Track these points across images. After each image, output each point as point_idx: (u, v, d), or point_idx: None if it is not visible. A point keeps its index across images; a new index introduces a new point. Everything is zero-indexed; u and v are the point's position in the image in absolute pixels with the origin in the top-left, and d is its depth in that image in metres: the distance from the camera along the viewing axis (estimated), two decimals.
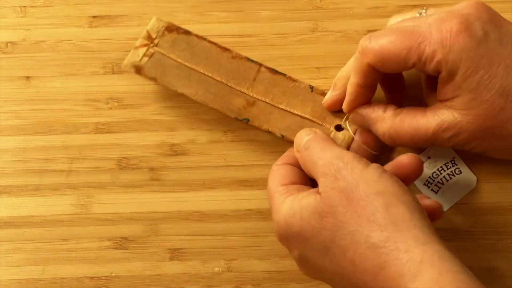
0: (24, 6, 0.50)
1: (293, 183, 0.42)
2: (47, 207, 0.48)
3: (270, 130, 0.46)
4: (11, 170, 0.48)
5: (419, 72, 0.42)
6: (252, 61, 0.47)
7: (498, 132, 0.40)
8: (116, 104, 0.49)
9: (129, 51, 0.49)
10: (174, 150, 0.48)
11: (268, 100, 0.47)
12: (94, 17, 0.49)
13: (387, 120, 0.43)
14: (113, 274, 0.47)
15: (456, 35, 0.39)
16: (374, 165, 0.38)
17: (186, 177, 0.48)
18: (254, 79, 0.47)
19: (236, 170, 0.48)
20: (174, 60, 0.47)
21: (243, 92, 0.47)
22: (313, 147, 0.41)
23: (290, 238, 0.40)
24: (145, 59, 0.47)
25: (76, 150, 0.48)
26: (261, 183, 0.48)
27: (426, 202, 0.41)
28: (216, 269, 0.47)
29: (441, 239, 0.36)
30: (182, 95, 0.48)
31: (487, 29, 0.39)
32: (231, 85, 0.47)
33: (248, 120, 0.46)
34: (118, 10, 0.49)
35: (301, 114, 0.46)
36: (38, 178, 0.48)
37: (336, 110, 0.46)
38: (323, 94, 0.47)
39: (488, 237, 0.47)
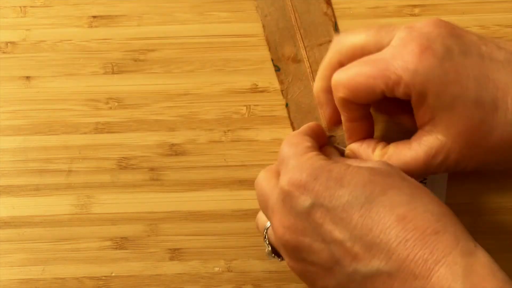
0: (24, 6, 0.50)
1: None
2: (47, 207, 0.48)
3: (284, 92, 0.46)
4: (11, 170, 0.48)
5: None
6: (336, 29, 0.47)
7: (485, 145, 0.39)
8: (116, 104, 0.49)
9: (129, 51, 0.49)
10: (174, 150, 0.48)
11: (309, 70, 0.46)
12: (94, 17, 0.49)
13: (377, 154, 0.42)
14: (113, 274, 0.47)
15: (419, 56, 0.38)
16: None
17: (186, 177, 0.48)
18: (320, 45, 0.46)
19: (236, 170, 0.48)
20: None
21: (299, 46, 0.46)
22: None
23: (318, 182, 0.36)
24: None
25: (76, 150, 0.48)
26: None
27: None
28: (216, 269, 0.47)
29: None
30: (182, 94, 0.48)
31: (449, 43, 0.38)
32: (299, 33, 0.46)
33: (278, 69, 0.46)
34: (118, 10, 0.49)
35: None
36: (38, 178, 0.48)
37: (338, 125, 0.45)
38: None
39: (488, 237, 0.47)
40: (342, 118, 0.43)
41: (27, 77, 0.49)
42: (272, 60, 0.47)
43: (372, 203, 0.35)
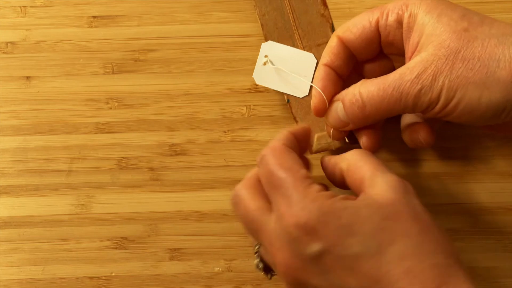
0: (24, 6, 0.50)
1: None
2: (47, 207, 0.48)
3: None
4: (11, 170, 0.48)
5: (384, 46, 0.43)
6: (333, 30, 0.47)
7: (463, 54, 0.38)
8: (116, 104, 0.49)
9: (129, 51, 0.49)
10: (174, 150, 0.48)
11: None
12: (94, 17, 0.49)
13: (355, 85, 0.41)
14: (113, 274, 0.47)
15: None
16: None
17: (186, 177, 0.48)
18: (318, 45, 0.47)
19: (236, 170, 0.48)
20: None
21: (298, 46, 0.47)
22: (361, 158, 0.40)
23: (328, 229, 0.36)
24: None
25: (76, 150, 0.48)
26: None
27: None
28: (216, 269, 0.47)
29: None
30: (182, 94, 0.48)
31: None
32: (297, 33, 0.47)
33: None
34: (118, 10, 0.49)
35: None
36: (38, 178, 0.48)
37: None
38: None
39: (488, 237, 0.47)
40: (322, 62, 0.43)
41: (27, 77, 0.49)
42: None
43: (382, 254, 0.35)
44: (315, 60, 0.47)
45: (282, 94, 0.47)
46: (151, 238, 0.48)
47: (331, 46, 0.43)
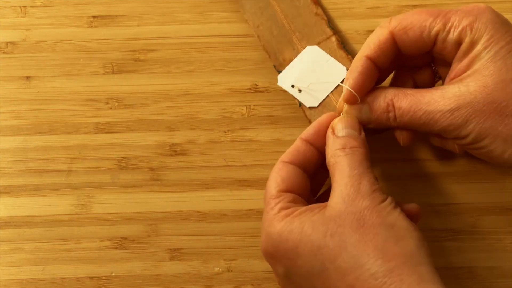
0: (24, 6, 0.50)
1: (290, 190, 0.41)
2: (47, 207, 0.48)
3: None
4: (11, 170, 0.48)
5: (437, 54, 0.42)
6: (330, 26, 0.47)
7: (503, 107, 0.38)
8: (116, 104, 0.49)
9: (129, 51, 0.49)
10: (174, 150, 0.48)
11: None
12: (94, 17, 0.49)
13: (390, 91, 0.41)
14: (113, 274, 0.47)
15: (484, 9, 0.40)
16: (389, 198, 0.38)
17: (186, 177, 0.48)
18: (318, 43, 0.47)
19: (236, 170, 0.48)
20: None
21: (298, 49, 0.47)
22: (343, 161, 0.39)
23: (280, 254, 0.39)
24: None
25: (76, 150, 0.48)
26: (261, 183, 0.48)
27: (407, 207, 0.40)
28: (216, 269, 0.47)
29: (441, 280, 0.36)
30: (182, 94, 0.48)
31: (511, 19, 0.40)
32: (294, 37, 0.47)
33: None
34: (118, 10, 0.49)
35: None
36: (38, 178, 0.48)
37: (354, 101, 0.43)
38: None
39: (488, 237, 0.47)
40: (362, 54, 0.41)
41: (27, 77, 0.49)
42: (275, 66, 0.47)
43: (326, 271, 0.37)
44: (345, 73, 0.45)
45: (284, 94, 0.47)
46: (151, 238, 0.48)
47: (380, 40, 0.41)
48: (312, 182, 0.43)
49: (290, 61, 0.47)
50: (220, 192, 0.48)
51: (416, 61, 0.44)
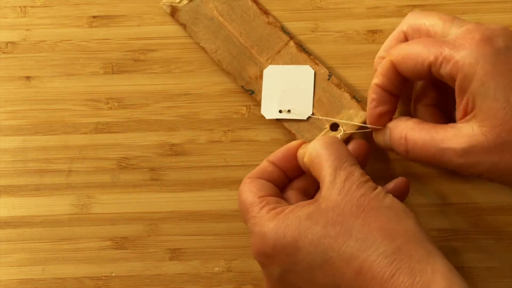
0: (24, 6, 0.50)
1: (270, 195, 0.41)
2: (47, 207, 0.48)
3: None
4: (11, 170, 0.48)
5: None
6: (285, 32, 0.47)
7: None
8: (116, 104, 0.49)
9: (129, 51, 0.49)
10: (174, 150, 0.48)
11: None
12: (94, 17, 0.49)
13: (407, 124, 0.42)
14: (113, 274, 0.47)
15: (477, 42, 0.38)
16: (379, 187, 0.39)
17: (186, 177, 0.48)
18: (278, 52, 0.47)
19: (236, 170, 0.48)
20: (211, 10, 0.47)
21: (261, 62, 0.47)
22: (323, 152, 0.40)
23: (277, 251, 0.38)
24: (185, 1, 0.47)
25: (76, 150, 0.48)
26: None
27: (394, 183, 0.42)
28: (216, 269, 0.47)
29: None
30: (182, 94, 0.48)
31: (509, 44, 0.39)
32: (254, 51, 0.47)
33: (252, 92, 0.47)
34: (118, 10, 0.49)
35: None
36: (38, 178, 0.48)
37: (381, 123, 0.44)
38: (338, 85, 0.46)
39: (488, 237, 0.47)
40: (374, 82, 0.43)
41: (27, 77, 0.49)
42: (243, 86, 0.47)
43: (330, 261, 0.36)
44: (313, 71, 0.47)
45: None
46: (151, 238, 0.48)
47: (384, 68, 0.42)
48: None
49: (256, 77, 0.47)
50: (220, 192, 0.48)
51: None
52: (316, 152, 0.40)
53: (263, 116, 0.48)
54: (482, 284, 0.46)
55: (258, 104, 0.47)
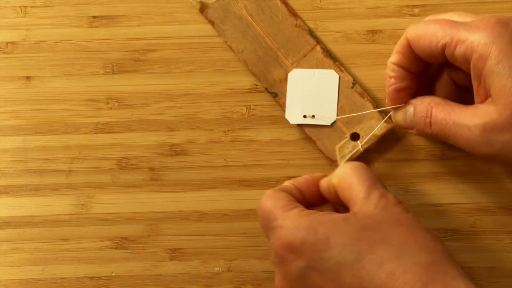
0: (24, 6, 0.50)
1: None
2: (47, 207, 0.48)
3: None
4: (11, 170, 0.48)
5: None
6: (312, 36, 0.47)
7: None
8: (116, 104, 0.49)
9: (129, 51, 0.49)
10: (174, 150, 0.48)
11: None
12: (94, 17, 0.49)
13: (434, 99, 0.42)
14: (113, 274, 0.47)
15: (492, 25, 0.39)
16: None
17: (186, 177, 0.48)
18: (305, 56, 0.47)
19: (236, 170, 0.48)
20: (240, 9, 0.47)
21: (286, 65, 0.47)
22: (353, 174, 0.40)
23: (306, 245, 0.37)
24: None
25: (76, 150, 0.48)
26: (261, 183, 0.48)
27: None
28: (216, 269, 0.47)
29: None
30: (182, 94, 0.48)
31: None
32: (280, 54, 0.47)
33: (276, 95, 0.47)
34: (118, 10, 0.49)
35: None
36: (38, 178, 0.48)
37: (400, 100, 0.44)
38: (362, 94, 0.46)
39: (488, 237, 0.47)
40: (391, 61, 0.43)
41: (27, 77, 0.49)
42: (266, 88, 0.47)
43: (361, 262, 0.36)
44: (337, 76, 0.47)
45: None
46: (151, 238, 0.48)
47: (400, 45, 0.43)
48: None
49: (280, 80, 0.47)
50: (220, 192, 0.48)
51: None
52: (346, 173, 0.40)
53: (263, 116, 0.48)
54: (482, 284, 0.46)
55: (281, 107, 0.47)
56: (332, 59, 0.47)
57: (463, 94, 0.44)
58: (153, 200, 0.48)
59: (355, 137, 0.46)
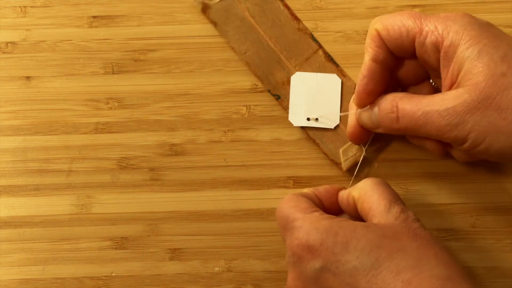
0: (24, 6, 0.50)
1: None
2: (47, 207, 0.48)
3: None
4: (11, 170, 0.48)
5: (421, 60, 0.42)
6: (314, 40, 0.47)
7: (498, 101, 0.38)
8: (116, 104, 0.49)
9: (129, 51, 0.49)
10: (174, 150, 0.48)
11: None
12: (94, 17, 0.49)
13: (397, 94, 0.42)
14: (113, 274, 0.47)
15: (461, 16, 0.40)
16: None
17: (186, 177, 0.48)
18: (307, 59, 0.47)
19: (236, 170, 0.48)
20: (242, 11, 0.47)
21: (289, 68, 0.47)
22: (375, 188, 0.41)
23: (325, 247, 0.38)
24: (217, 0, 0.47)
25: (76, 150, 0.48)
26: (261, 183, 0.48)
27: None
28: (216, 269, 0.47)
29: None
30: (182, 94, 0.48)
31: (490, 23, 0.40)
32: (282, 57, 0.47)
33: (279, 97, 0.47)
34: (118, 10, 0.49)
35: None
36: (38, 178, 0.48)
37: (359, 139, 0.45)
38: None
39: (488, 237, 0.47)
40: (364, 59, 0.43)
41: (27, 77, 0.49)
42: (269, 91, 0.47)
43: (378, 269, 0.36)
44: (340, 80, 0.47)
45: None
46: (151, 238, 0.48)
47: (372, 39, 0.42)
48: None
49: (283, 82, 0.47)
50: (220, 192, 0.48)
51: (417, 74, 0.44)
52: (368, 187, 0.41)
53: (263, 116, 0.48)
54: (482, 284, 0.46)
55: (284, 109, 0.47)
56: (334, 63, 0.47)
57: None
58: (153, 200, 0.48)
59: None
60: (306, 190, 0.44)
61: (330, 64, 0.47)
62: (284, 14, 0.47)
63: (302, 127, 0.47)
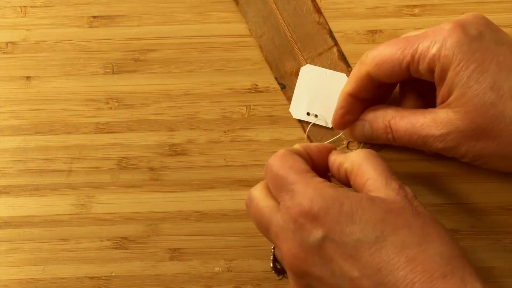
0: (24, 6, 0.50)
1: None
2: (47, 207, 0.48)
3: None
4: (11, 170, 0.48)
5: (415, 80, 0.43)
6: (332, 36, 0.47)
7: (489, 130, 0.38)
8: (116, 104, 0.49)
9: (129, 51, 0.49)
10: (174, 150, 0.48)
11: None
12: (94, 17, 0.49)
13: (388, 112, 0.42)
14: (113, 274, 0.47)
15: (450, 31, 0.39)
16: None
17: (186, 177, 0.48)
18: (320, 54, 0.47)
19: (236, 170, 0.48)
20: None
21: (300, 59, 0.47)
22: (369, 162, 0.40)
23: (328, 216, 0.36)
24: None
25: (76, 150, 0.48)
26: None
27: None
28: (216, 269, 0.47)
29: None
30: (182, 94, 0.48)
31: (482, 30, 0.40)
32: (296, 47, 0.47)
33: (284, 87, 0.47)
34: (118, 10, 0.49)
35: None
36: (38, 178, 0.48)
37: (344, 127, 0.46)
38: None
39: (488, 237, 0.47)
40: (345, 90, 0.43)
41: (27, 77, 0.49)
42: (276, 78, 0.47)
43: (383, 242, 0.35)
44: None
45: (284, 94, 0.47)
46: (151, 238, 0.48)
47: (357, 77, 0.43)
48: None
49: (291, 73, 0.47)
50: (220, 192, 0.48)
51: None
52: (361, 160, 0.40)
53: (263, 116, 0.48)
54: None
55: (287, 99, 0.47)
56: (346, 63, 0.47)
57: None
58: (153, 200, 0.48)
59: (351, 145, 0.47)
60: (297, 146, 0.42)
61: (342, 63, 0.47)
62: (307, 5, 0.47)
63: (300, 121, 0.47)
